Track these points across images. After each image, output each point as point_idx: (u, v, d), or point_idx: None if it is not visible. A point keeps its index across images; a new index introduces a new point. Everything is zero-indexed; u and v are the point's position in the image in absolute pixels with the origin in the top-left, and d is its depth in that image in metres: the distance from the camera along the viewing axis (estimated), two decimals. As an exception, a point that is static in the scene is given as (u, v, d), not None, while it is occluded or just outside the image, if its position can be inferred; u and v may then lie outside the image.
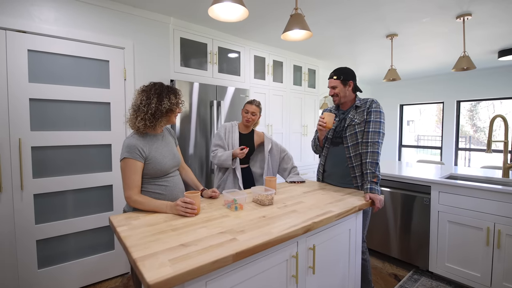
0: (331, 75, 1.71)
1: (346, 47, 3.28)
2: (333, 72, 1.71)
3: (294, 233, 1.04)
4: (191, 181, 1.58)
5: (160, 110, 1.30)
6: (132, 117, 1.31)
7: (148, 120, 1.28)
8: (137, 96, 1.33)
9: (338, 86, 1.68)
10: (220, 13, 1.44)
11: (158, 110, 1.29)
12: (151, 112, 1.28)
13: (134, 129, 1.32)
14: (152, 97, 1.29)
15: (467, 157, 5.15)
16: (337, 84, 1.68)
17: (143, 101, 1.29)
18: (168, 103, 1.30)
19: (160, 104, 1.29)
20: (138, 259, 0.81)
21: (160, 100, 1.29)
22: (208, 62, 2.69)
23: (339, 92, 1.68)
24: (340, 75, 1.68)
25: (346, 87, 1.68)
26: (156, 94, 1.30)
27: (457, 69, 2.49)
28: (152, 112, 1.28)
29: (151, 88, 1.32)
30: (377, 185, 1.52)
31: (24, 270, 1.80)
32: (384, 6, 2.16)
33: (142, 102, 1.29)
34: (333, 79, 1.69)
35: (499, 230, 1.80)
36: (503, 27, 2.56)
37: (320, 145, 1.83)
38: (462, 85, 4.70)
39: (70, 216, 1.97)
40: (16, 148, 1.74)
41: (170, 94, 1.33)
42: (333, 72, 1.72)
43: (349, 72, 1.69)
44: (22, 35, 1.74)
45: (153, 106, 1.28)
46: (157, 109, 1.29)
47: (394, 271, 2.28)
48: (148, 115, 1.27)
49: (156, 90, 1.31)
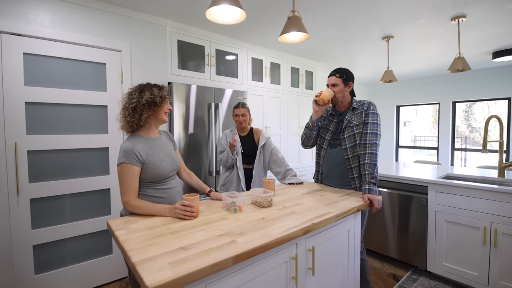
0: (333, 73, 1.69)
1: (343, 49, 3.31)
2: (335, 70, 1.70)
3: (293, 235, 1.04)
4: (196, 184, 1.56)
5: (141, 103, 1.27)
6: (120, 117, 1.32)
7: (129, 116, 1.27)
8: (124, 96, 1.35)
9: (339, 85, 1.67)
10: (217, 15, 1.45)
11: (139, 103, 1.27)
12: (132, 107, 1.27)
13: (124, 130, 1.32)
14: (134, 93, 1.29)
15: (463, 157, 5.20)
16: (339, 82, 1.67)
17: (126, 100, 1.30)
18: (149, 95, 1.28)
19: (141, 97, 1.27)
20: (137, 263, 0.80)
21: (141, 93, 1.28)
22: (206, 65, 2.69)
23: (339, 91, 1.68)
24: (343, 74, 1.68)
25: (346, 88, 1.68)
26: (138, 90, 1.30)
27: (453, 70, 2.52)
28: (133, 106, 1.26)
29: (135, 89, 1.32)
30: (375, 186, 1.53)
31: (21, 275, 1.77)
32: (380, 7, 2.18)
33: (125, 102, 1.30)
34: (336, 77, 1.68)
35: (496, 229, 1.82)
36: (498, 28, 2.59)
37: (312, 128, 1.77)
38: (457, 86, 4.75)
39: (67, 221, 1.95)
40: (11, 153, 1.72)
41: (153, 87, 1.31)
42: (335, 70, 1.71)
43: (350, 74, 1.71)
44: (17, 38, 1.73)
45: (134, 101, 1.27)
46: (138, 102, 1.27)
47: (392, 271, 2.28)
48: (128, 110, 1.27)
49: (140, 87, 1.31)
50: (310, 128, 1.78)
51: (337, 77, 1.67)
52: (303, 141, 1.87)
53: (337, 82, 1.67)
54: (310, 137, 1.81)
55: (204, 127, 2.55)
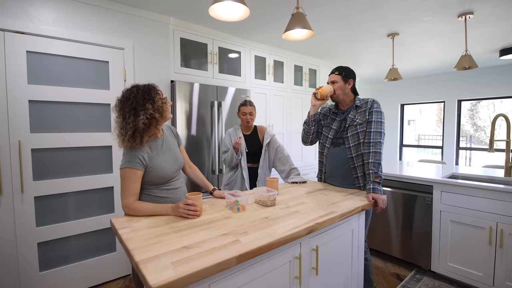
0: (333, 71, 1.73)
1: (347, 47, 3.27)
2: (335, 68, 1.73)
3: (297, 234, 1.04)
4: (200, 180, 1.55)
5: (138, 127, 1.19)
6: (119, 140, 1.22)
7: (131, 141, 1.19)
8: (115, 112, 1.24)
9: (338, 82, 1.68)
10: (221, 12, 1.43)
11: (137, 127, 1.19)
12: (130, 134, 1.18)
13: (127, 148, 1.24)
14: (129, 116, 1.19)
15: (468, 156, 5.14)
16: (338, 79, 1.68)
17: (120, 123, 1.21)
18: (144, 117, 1.19)
19: (136, 121, 1.18)
20: (141, 261, 0.80)
21: (136, 116, 1.19)
22: (209, 63, 2.68)
23: (338, 88, 1.69)
24: (342, 71, 1.70)
25: (346, 85, 1.69)
26: (132, 109, 1.20)
27: (459, 68, 2.48)
28: (131, 133, 1.18)
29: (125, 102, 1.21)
30: (380, 185, 1.52)
31: (25, 273, 1.79)
32: (386, 5, 2.15)
33: (121, 124, 1.20)
34: (335, 74, 1.70)
35: (502, 229, 1.79)
36: (505, 25, 2.55)
37: (309, 123, 1.75)
38: (463, 84, 4.69)
39: (71, 218, 1.96)
40: (16, 151, 1.73)
41: (146, 102, 1.21)
42: (335, 68, 1.74)
43: (351, 71, 1.72)
44: (20, 36, 1.73)
45: (130, 127, 1.18)
46: (135, 127, 1.19)
47: (396, 270, 2.27)
48: (127, 136, 1.19)
49: (131, 104, 1.20)
50: (308, 123, 1.78)
51: (336, 75, 1.70)
52: (302, 137, 1.88)
53: (336, 79, 1.69)
54: (308, 132, 1.80)
55: (207, 125, 2.54)
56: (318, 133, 1.86)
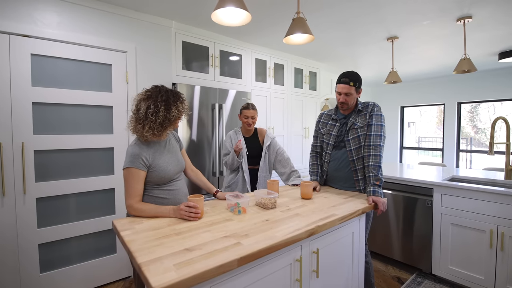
0: (347, 81, 1.58)
1: (347, 50, 3.29)
2: (348, 78, 1.58)
3: (298, 237, 1.04)
4: (203, 183, 1.57)
5: (169, 119, 1.27)
6: (138, 126, 1.25)
7: (156, 129, 1.26)
8: (140, 101, 1.27)
9: (353, 94, 1.59)
10: (223, 17, 1.45)
11: (167, 118, 1.26)
12: (159, 121, 1.24)
13: (141, 137, 1.29)
14: (160, 105, 1.24)
15: (468, 158, 5.14)
16: (353, 91, 1.58)
17: (151, 109, 1.23)
18: (176, 111, 1.28)
19: (169, 113, 1.26)
20: (143, 264, 0.81)
21: (168, 108, 1.25)
22: (210, 65, 2.70)
23: (351, 100, 1.61)
24: (356, 82, 1.58)
25: (358, 94, 1.63)
26: (163, 101, 1.25)
27: (458, 71, 2.49)
28: (161, 121, 1.25)
29: (156, 95, 1.26)
30: (380, 188, 1.52)
31: (26, 274, 1.79)
32: (385, 9, 2.17)
33: (149, 110, 1.23)
34: (349, 86, 1.57)
35: (502, 232, 1.80)
36: (504, 29, 2.56)
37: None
38: (462, 87, 4.71)
39: (72, 220, 1.97)
40: (19, 152, 1.74)
41: (177, 101, 1.29)
42: (347, 77, 1.59)
43: (361, 79, 1.64)
44: (25, 39, 1.75)
45: (161, 115, 1.24)
46: (165, 117, 1.25)
47: (397, 274, 2.27)
48: (156, 124, 1.24)
49: (162, 97, 1.26)
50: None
51: (351, 86, 1.57)
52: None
53: (350, 91, 1.58)
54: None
55: (208, 127, 2.55)
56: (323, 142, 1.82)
